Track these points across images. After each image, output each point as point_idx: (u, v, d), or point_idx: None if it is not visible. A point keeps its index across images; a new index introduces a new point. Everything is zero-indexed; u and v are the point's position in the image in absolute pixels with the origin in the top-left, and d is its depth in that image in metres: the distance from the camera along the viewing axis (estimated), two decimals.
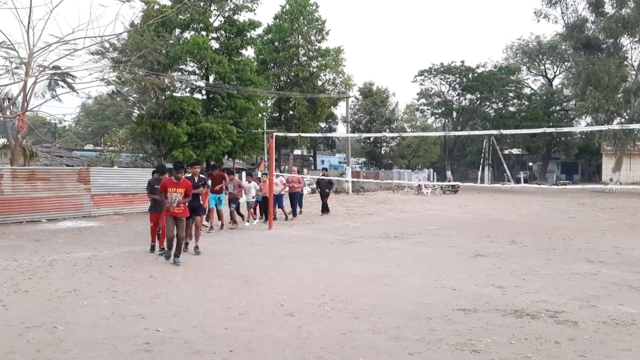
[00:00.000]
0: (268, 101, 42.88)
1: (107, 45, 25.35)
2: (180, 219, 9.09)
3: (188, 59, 30.83)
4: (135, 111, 30.84)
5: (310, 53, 44.09)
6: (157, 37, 26.15)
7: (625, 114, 39.47)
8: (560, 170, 64.45)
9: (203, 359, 4.60)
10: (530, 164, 67.32)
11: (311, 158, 62.91)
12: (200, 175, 10.80)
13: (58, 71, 21.02)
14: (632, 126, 20.98)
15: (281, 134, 24.59)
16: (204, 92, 32.55)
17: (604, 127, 29.60)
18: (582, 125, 49.70)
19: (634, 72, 40.83)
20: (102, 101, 32.12)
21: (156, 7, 28.64)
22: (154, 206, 10.36)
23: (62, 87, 23.64)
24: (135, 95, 29.34)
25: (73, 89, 23.36)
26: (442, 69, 54.25)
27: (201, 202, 10.63)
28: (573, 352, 4.81)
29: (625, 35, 40.01)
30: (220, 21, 32.77)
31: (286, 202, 17.67)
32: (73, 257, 9.73)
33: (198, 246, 10.24)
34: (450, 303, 6.50)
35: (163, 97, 28.68)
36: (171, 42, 28.99)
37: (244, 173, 23.56)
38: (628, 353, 4.79)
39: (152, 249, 10.41)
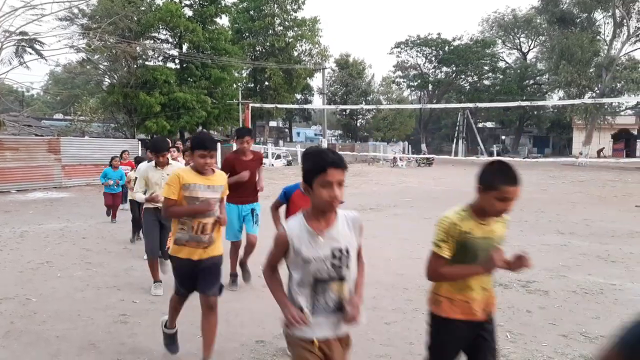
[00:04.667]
0: (243, 71, 42.26)
1: (76, 11, 24.57)
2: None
3: (160, 27, 30.09)
4: (106, 80, 30.10)
5: (286, 23, 43.44)
6: (128, 3, 25.42)
7: (596, 89, 40.15)
8: (532, 143, 65.43)
9: (181, 329, 4.57)
10: (503, 137, 68.20)
11: (287, 130, 62.54)
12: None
13: (25, 37, 20.30)
14: (603, 100, 21.48)
15: (257, 105, 24.34)
16: (177, 61, 31.88)
17: (577, 101, 30.15)
18: (555, 99, 50.47)
19: (606, 47, 41.43)
20: (72, 69, 31.29)
21: None
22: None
23: (30, 53, 22.87)
24: (106, 63, 28.59)
25: (41, 56, 22.66)
26: (418, 41, 54.14)
27: None
28: (544, 320, 4.94)
29: (599, 10, 40.48)
30: None
31: None
32: (45, 228, 9.55)
33: None
34: None
35: (135, 66, 28.01)
36: (143, 8, 28.20)
37: None
38: (596, 321, 4.95)
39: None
